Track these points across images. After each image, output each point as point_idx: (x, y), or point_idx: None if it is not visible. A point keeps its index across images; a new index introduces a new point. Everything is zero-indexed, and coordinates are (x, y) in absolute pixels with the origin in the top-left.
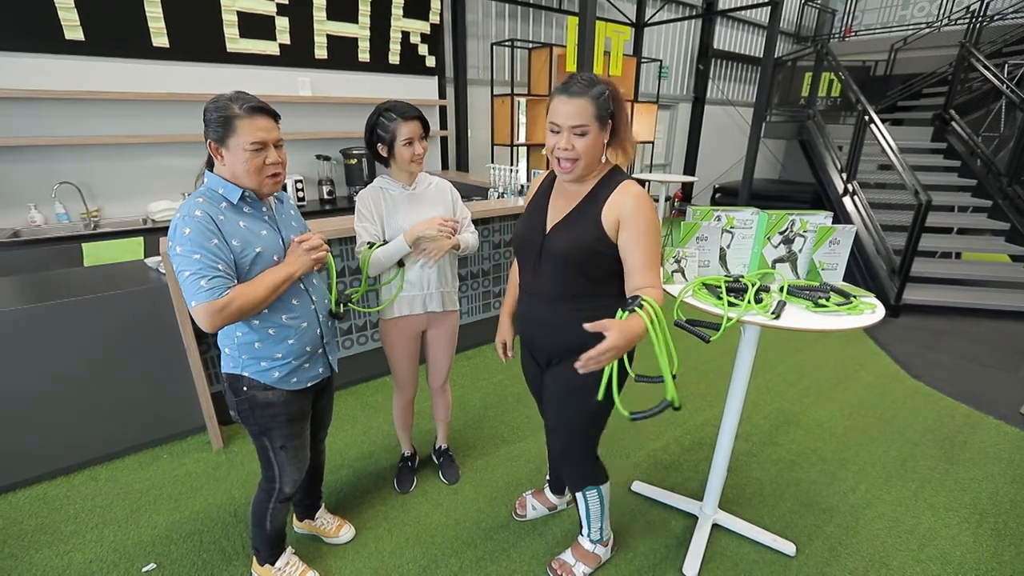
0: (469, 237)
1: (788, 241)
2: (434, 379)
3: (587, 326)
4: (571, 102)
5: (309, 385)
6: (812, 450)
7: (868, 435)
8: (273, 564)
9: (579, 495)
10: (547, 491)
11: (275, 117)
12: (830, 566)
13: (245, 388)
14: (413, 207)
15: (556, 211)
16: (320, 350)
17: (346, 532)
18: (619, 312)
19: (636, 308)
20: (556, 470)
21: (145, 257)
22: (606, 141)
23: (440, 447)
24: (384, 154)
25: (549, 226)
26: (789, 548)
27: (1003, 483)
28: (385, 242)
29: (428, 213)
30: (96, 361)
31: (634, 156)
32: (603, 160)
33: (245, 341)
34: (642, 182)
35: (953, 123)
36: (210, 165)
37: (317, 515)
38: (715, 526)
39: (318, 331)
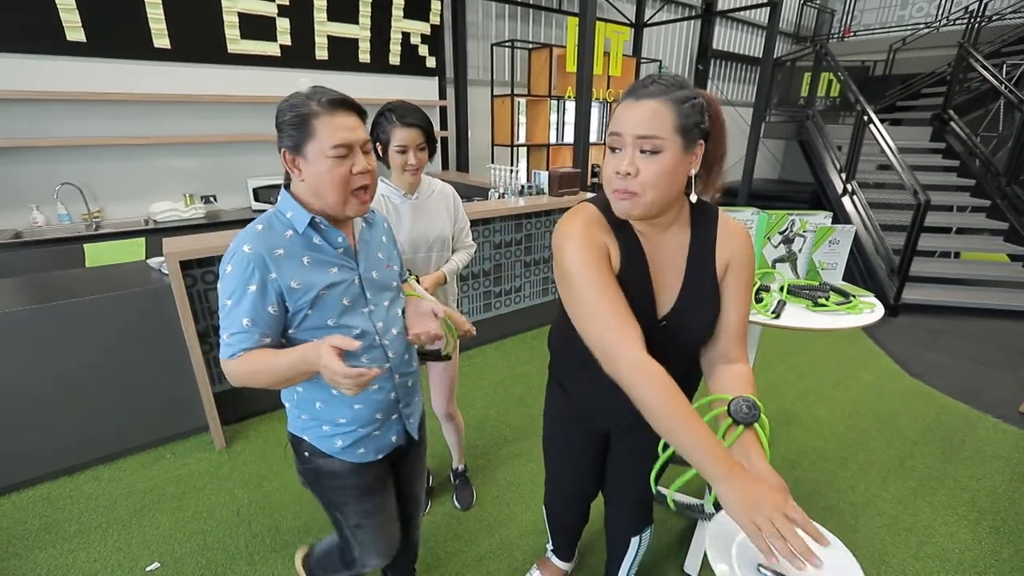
0: (455, 262)
1: (788, 241)
2: (437, 405)
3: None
4: (640, 105)
5: (379, 457)
6: (812, 449)
7: (867, 434)
8: None
9: (635, 538)
10: (553, 558)
11: (361, 113)
12: None
13: (307, 454)
14: (417, 218)
15: (664, 276)
16: (395, 415)
17: None
18: (725, 424)
19: (751, 423)
20: (573, 532)
21: (147, 258)
22: (694, 172)
23: (456, 468)
24: (380, 154)
25: (665, 306)
26: None
27: (1001, 481)
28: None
29: (431, 223)
30: (99, 361)
31: (715, 193)
32: (693, 198)
33: (305, 399)
34: None
35: (952, 123)
36: (287, 181)
37: None
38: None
39: (392, 395)
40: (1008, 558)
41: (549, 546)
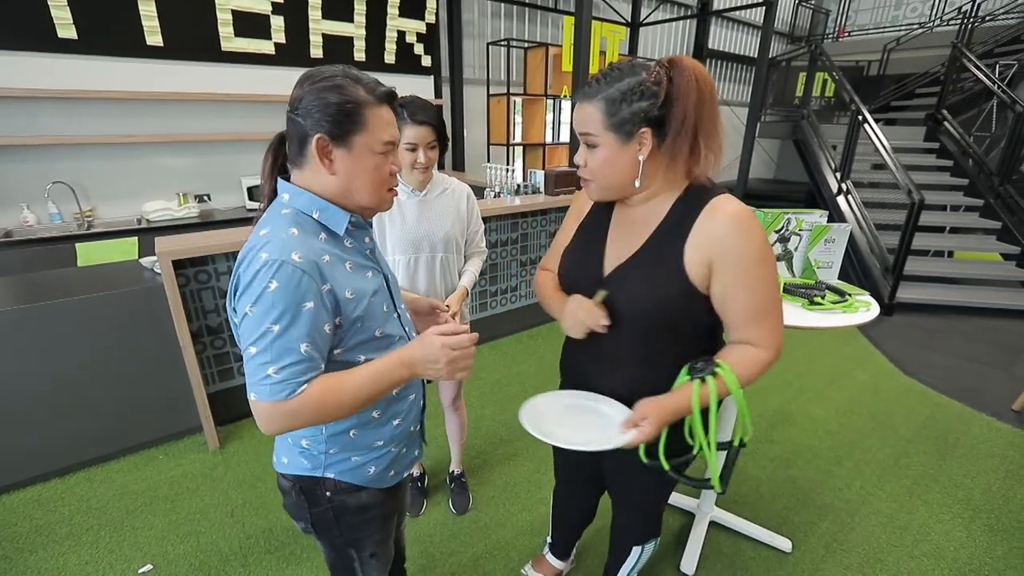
0: (471, 272)
1: (784, 239)
2: (444, 393)
3: (624, 424)
4: (579, 107)
5: (404, 475)
6: (807, 448)
7: (862, 433)
8: None
9: (636, 548)
10: (549, 556)
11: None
12: (825, 562)
13: (329, 494)
14: (422, 215)
15: (618, 244)
16: (420, 426)
17: None
18: (683, 373)
19: (705, 378)
20: (572, 531)
21: (139, 257)
22: (643, 157)
23: (453, 472)
24: None
25: (608, 267)
26: (785, 544)
27: (995, 479)
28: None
29: (440, 225)
30: (91, 362)
31: (713, 167)
32: (637, 184)
33: (337, 431)
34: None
35: (945, 123)
36: (281, 172)
37: None
38: (712, 523)
39: (421, 403)
40: (1002, 556)
41: (548, 539)
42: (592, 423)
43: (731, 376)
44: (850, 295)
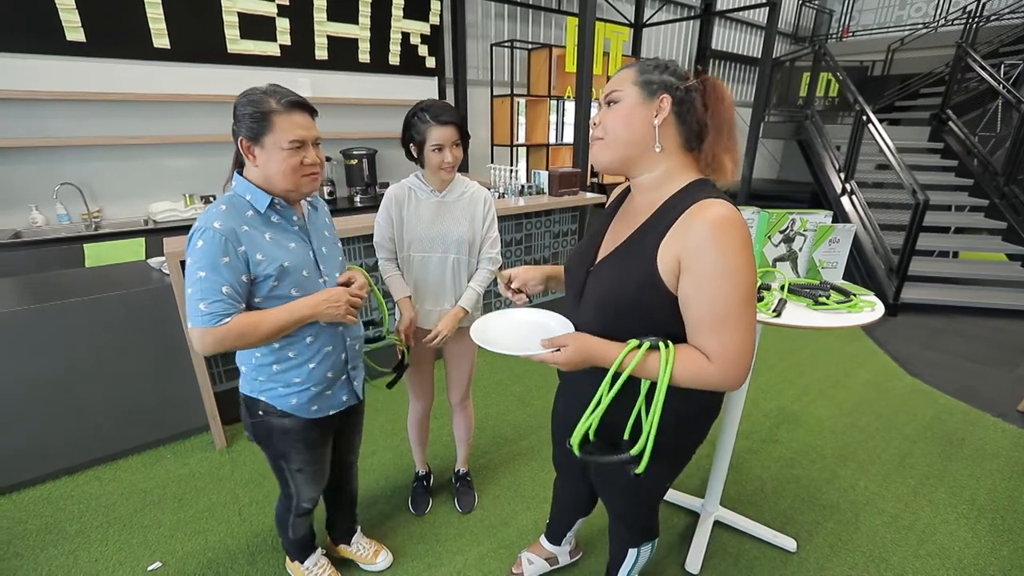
0: (474, 290)
1: (788, 240)
2: (452, 393)
3: (543, 340)
4: (617, 75)
5: (331, 413)
6: (812, 448)
7: (867, 433)
8: (302, 563)
9: (632, 550)
10: (543, 541)
11: (313, 113)
12: (830, 562)
13: (261, 412)
14: (439, 216)
15: (613, 236)
16: (344, 376)
17: (383, 559)
18: (633, 340)
19: (652, 346)
20: (566, 516)
21: (147, 258)
22: (658, 122)
23: (459, 471)
24: (415, 155)
25: (601, 255)
26: (790, 544)
27: (1000, 479)
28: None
29: (454, 227)
30: (99, 361)
31: (729, 177)
32: (658, 148)
33: (263, 363)
34: (732, 199)
35: (950, 123)
36: (239, 167)
37: (353, 540)
38: (717, 523)
39: (343, 355)
40: (1007, 556)
41: (547, 523)
42: (530, 336)
43: (669, 359)
44: (855, 295)
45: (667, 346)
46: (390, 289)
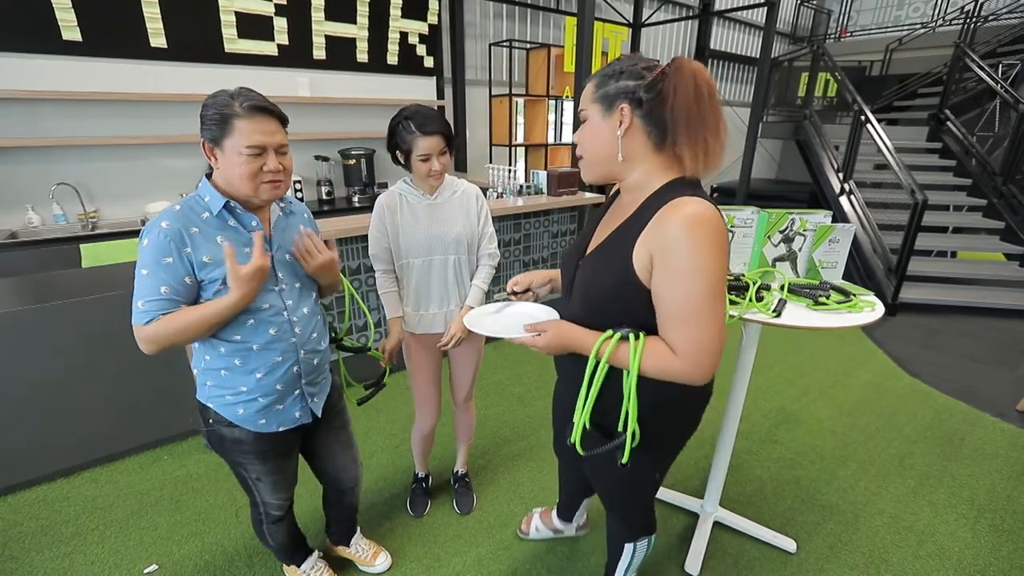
0: (478, 287)
1: (788, 240)
2: (457, 393)
3: (526, 325)
4: (584, 89)
5: (280, 429)
6: (812, 448)
7: (867, 433)
8: (299, 567)
9: (628, 545)
10: (554, 515)
11: (281, 119)
12: (830, 562)
13: (211, 420)
14: (433, 218)
15: (601, 233)
16: (297, 392)
17: (382, 560)
18: (609, 331)
19: (622, 337)
20: (571, 497)
21: None
22: (621, 132)
23: (458, 472)
24: (402, 161)
25: (588, 251)
26: (790, 545)
27: (1000, 479)
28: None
29: (450, 227)
30: (96, 362)
31: (707, 168)
32: (620, 158)
33: (211, 367)
34: (711, 197)
35: (948, 123)
36: (209, 169)
37: (352, 541)
38: (716, 523)
39: (295, 369)
40: (1007, 556)
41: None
42: (518, 324)
43: (639, 348)
44: (855, 295)
45: (637, 337)
46: (384, 306)
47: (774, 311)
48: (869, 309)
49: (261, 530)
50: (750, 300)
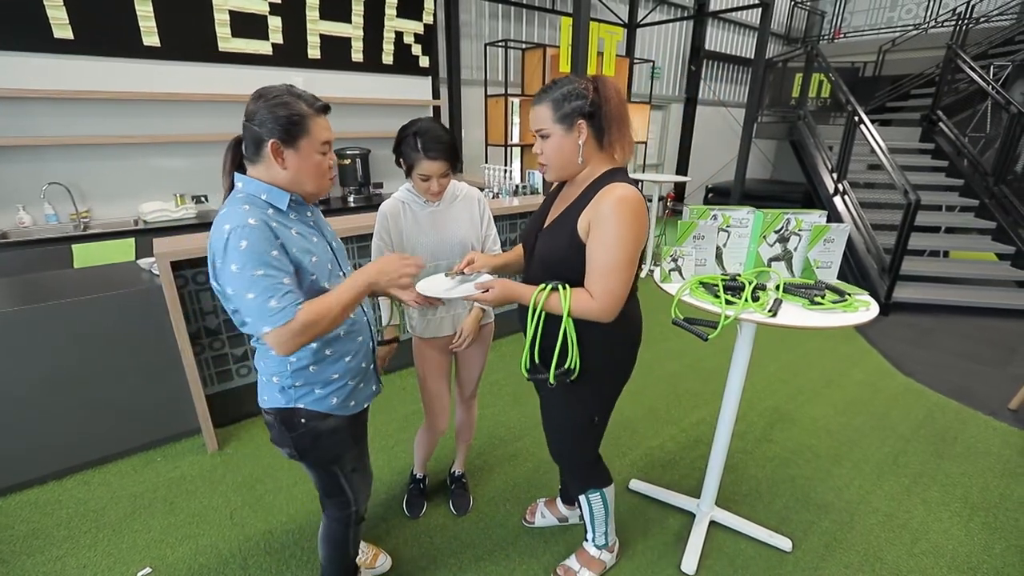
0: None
1: (784, 240)
2: (463, 389)
3: (476, 283)
4: (534, 109)
5: (365, 406)
6: (806, 447)
7: (861, 432)
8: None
9: (582, 498)
10: (559, 502)
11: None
12: (825, 561)
13: (303, 421)
14: (437, 225)
15: (555, 211)
16: (372, 365)
17: (382, 562)
18: (544, 284)
19: (553, 289)
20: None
21: (137, 258)
22: (582, 142)
23: (454, 472)
24: (407, 173)
25: (545, 224)
26: (785, 544)
27: (992, 477)
28: None
29: (455, 231)
30: (88, 363)
31: (628, 156)
32: (580, 161)
33: (300, 366)
34: (635, 182)
35: (940, 124)
36: (239, 168)
37: None
38: (712, 523)
39: (370, 344)
40: (1000, 553)
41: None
42: (467, 287)
43: (567, 296)
44: (850, 295)
45: (565, 288)
46: (382, 312)
47: (770, 311)
48: (864, 309)
49: (346, 539)
50: (746, 300)
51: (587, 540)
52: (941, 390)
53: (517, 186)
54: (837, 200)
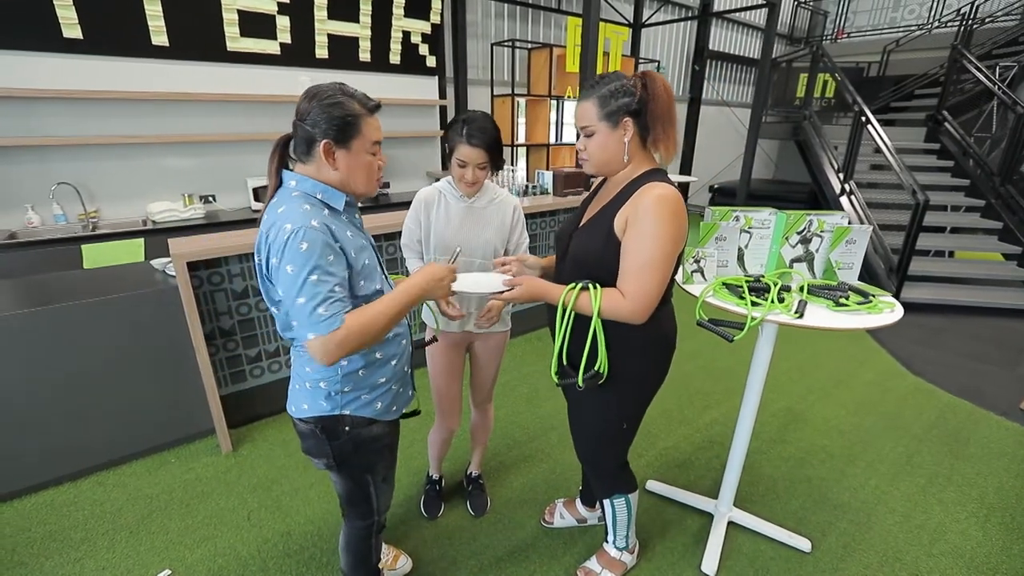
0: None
1: (806, 241)
2: (476, 394)
3: (504, 281)
4: (579, 104)
5: (403, 411)
6: (820, 447)
7: (873, 432)
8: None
9: (606, 502)
10: (578, 502)
11: None
12: (845, 561)
13: (347, 428)
14: (466, 222)
15: (591, 210)
16: (410, 370)
17: (403, 564)
18: (573, 284)
19: (583, 288)
20: (588, 485)
21: (146, 259)
22: (628, 139)
23: (471, 474)
24: (448, 159)
25: (581, 224)
26: (804, 544)
27: (1007, 478)
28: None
29: (481, 232)
30: (102, 365)
31: (671, 157)
32: (625, 159)
33: (348, 371)
34: (676, 184)
35: (946, 124)
36: (283, 165)
37: None
38: (730, 523)
39: (410, 348)
40: (1019, 554)
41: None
42: (495, 282)
43: (597, 296)
44: (874, 296)
45: (595, 287)
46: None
47: (796, 312)
48: (889, 310)
49: (367, 547)
50: (772, 301)
51: (607, 542)
52: (951, 390)
53: (527, 186)
54: (844, 200)
